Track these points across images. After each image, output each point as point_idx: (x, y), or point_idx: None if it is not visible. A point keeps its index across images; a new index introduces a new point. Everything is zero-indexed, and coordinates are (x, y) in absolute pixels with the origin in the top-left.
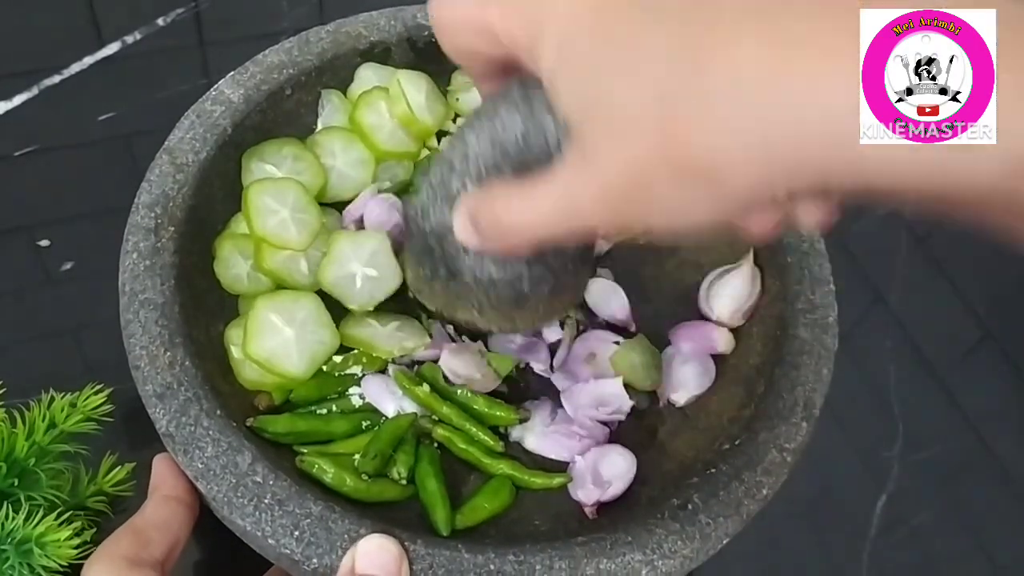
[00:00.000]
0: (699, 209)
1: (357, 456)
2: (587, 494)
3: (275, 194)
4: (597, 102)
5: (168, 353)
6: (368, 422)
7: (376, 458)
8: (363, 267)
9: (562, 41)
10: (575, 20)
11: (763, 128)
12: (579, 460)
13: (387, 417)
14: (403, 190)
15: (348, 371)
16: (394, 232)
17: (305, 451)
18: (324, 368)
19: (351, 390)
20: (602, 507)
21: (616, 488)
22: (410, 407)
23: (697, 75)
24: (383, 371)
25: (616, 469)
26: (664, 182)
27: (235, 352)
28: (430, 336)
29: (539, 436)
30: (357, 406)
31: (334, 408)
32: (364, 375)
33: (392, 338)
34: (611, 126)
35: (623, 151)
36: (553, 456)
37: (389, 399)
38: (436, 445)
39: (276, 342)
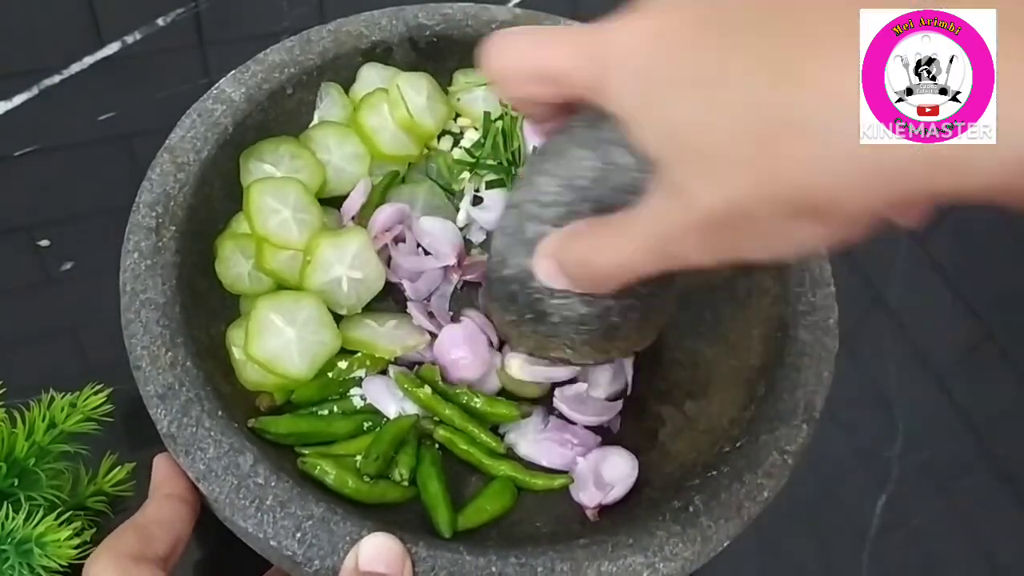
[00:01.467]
0: (804, 238)
1: (359, 458)
2: (589, 497)
3: (276, 194)
4: (684, 132)
5: (169, 353)
6: (369, 423)
7: (378, 459)
8: (347, 270)
9: (633, 72)
10: (643, 49)
11: (874, 153)
12: (581, 462)
13: (388, 418)
14: (391, 182)
15: (354, 374)
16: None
17: (307, 452)
18: (330, 375)
19: (352, 391)
20: (603, 509)
21: (618, 491)
22: (411, 408)
23: (792, 96)
24: (384, 372)
25: (618, 472)
26: (768, 216)
27: (236, 353)
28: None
29: (531, 443)
30: (358, 407)
31: (335, 409)
32: (365, 376)
33: (392, 337)
34: (702, 157)
35: (720, 186)
36: (545, 463)
37: (391, 400)
38: (437, 446)
39: (277, 343)
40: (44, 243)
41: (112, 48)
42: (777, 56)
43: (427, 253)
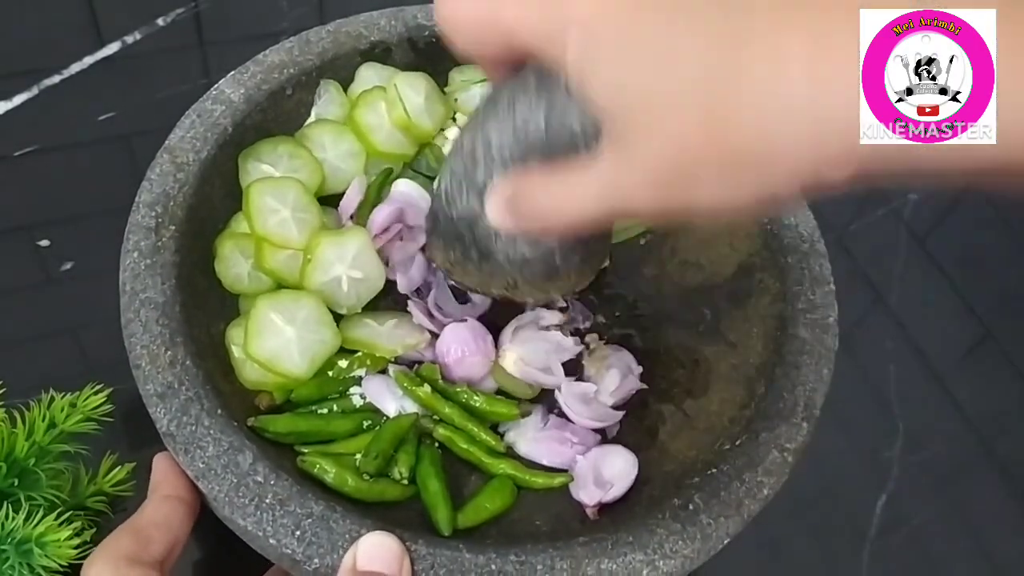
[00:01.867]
0: (745, 192)
1: (358, 456)
2: (589, 495)
3: (276, 193)
4: (635, 89)
5: (169, 352)
6: (369, 422)
7: (377, 458)
8: (348, 269)
9: (591, 31)
10: (602, 9)
11: (815, 114)
12: (581, 460)
13: (388, 417)
14: (385, 180)
15: (354, 373)
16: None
17: (306, 451)
18: (330, 374)
19: (352, 390)
20: (603, 508)
21: (618, 489)
22: (411, 407)
23: (741, 60)
24: (384, 371)
25: (618, 470)
26: (712, 165)
27: (236, 352)
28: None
29: (531, 441)
30: (358, 406)
31: (335, 408)
32: (365, 375)
33: (392, 336)
34: (653, 112)
35: (669, 136)
36: (545, 462)
37: (390, 399)
38: (437, 445)
39: (277, 342)
40: (44, 243)
41: (112, 48)
42: (728, 29)
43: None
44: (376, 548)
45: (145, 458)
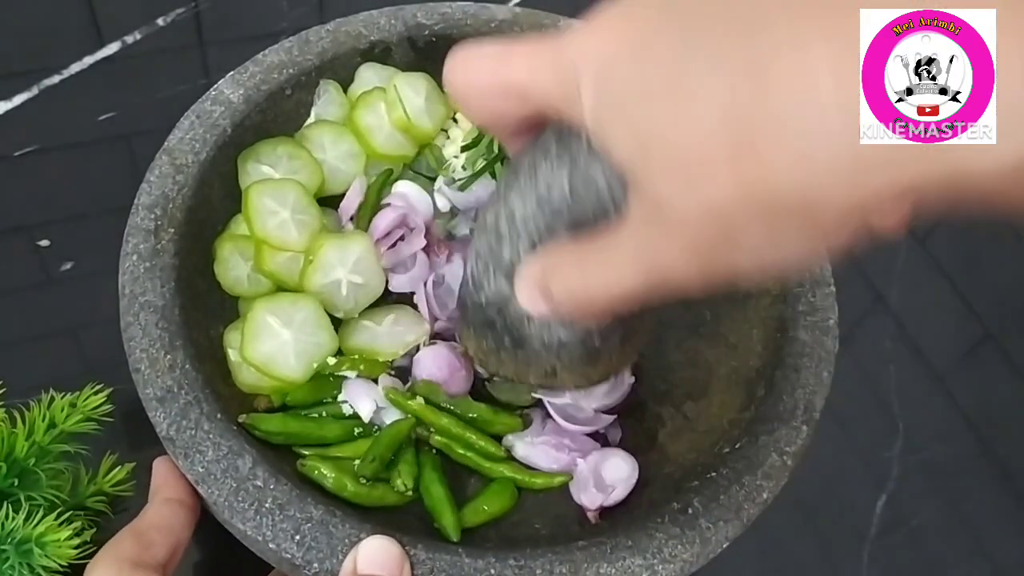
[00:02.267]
0: (793, 245)
1: (357, 461)
2: (590, 499)
3: (275, 195)
4: (656, 143)
5: (168, 356)
6: (360, 429)
7: (375, 461)
8: (348, 274)
9: (601, 80)
10: (610, 54)
11: (850, 150)
12: (581, 464)
13: (375, 424)
14: (385, 181)
15: (342, 373)
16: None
17: (307, 455)
18: (315, 366)
19: (341, 397)
20: (604, 511)
21: (619, 493)
22: (392, 414)
23: (764, 95)
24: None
25: (618, 473)
26: (753, 225)
27: (232, 355)
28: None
29: (528, 446)
30: (347, 414)
31: (325, 412)
32: (347, 379)
33: (392, 336)
34: (678, 169)
35: (700, 197)
36: (542, 466)
37: (365, 401)
38: (435, 451)
39: (273, 345)
40: (44, 243)
41: (112, 48)
42: (743, 55)
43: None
44: (376, 552)
45: (145, 458)
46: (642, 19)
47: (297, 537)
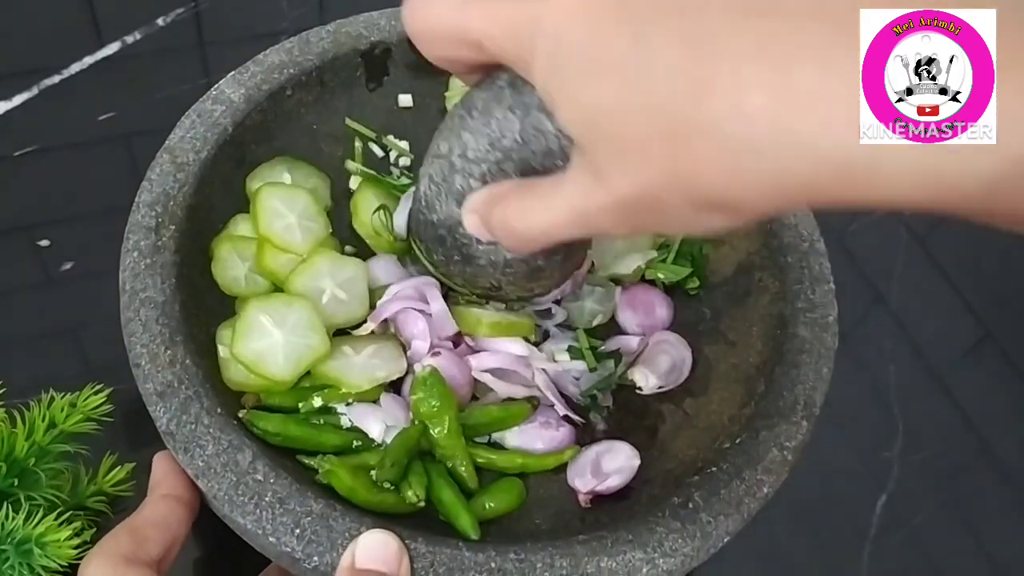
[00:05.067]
0: (713, 226)
1: (374, 471)
2: (584, 483)
3: (285, 199)
4: (600, 119)
5: (169, 351)
6: (359, 442)
7: (395, 467)
8: (335, 287)
9: (555, 50)
10: (564, 26)
11: (776, 158)
12: (586, 450)
13: (376, 441)
14: None
15: (335, 406)
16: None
17: (328, 466)
18: (300, 407)
19: (340, 409)
20: (599, 500)
21: (613, 482)
22: (395, 426)
23: (701, 100)
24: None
25: (617, 464)
26: (678, 206)
27: (223, 351)
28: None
29: (518, 434)
30: (346, 426)
31: (323, 420)
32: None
33: (364, 368)
34: (617, 147)
35: (634, 175)
36: (540, 447)
37: (373, 421)
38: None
39: (264, 344)
40: (44, 243)
41: (112, 48)
42: (687, 57)
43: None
44: (375, 546)
45: (145, 458)
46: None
47: (297, 531)
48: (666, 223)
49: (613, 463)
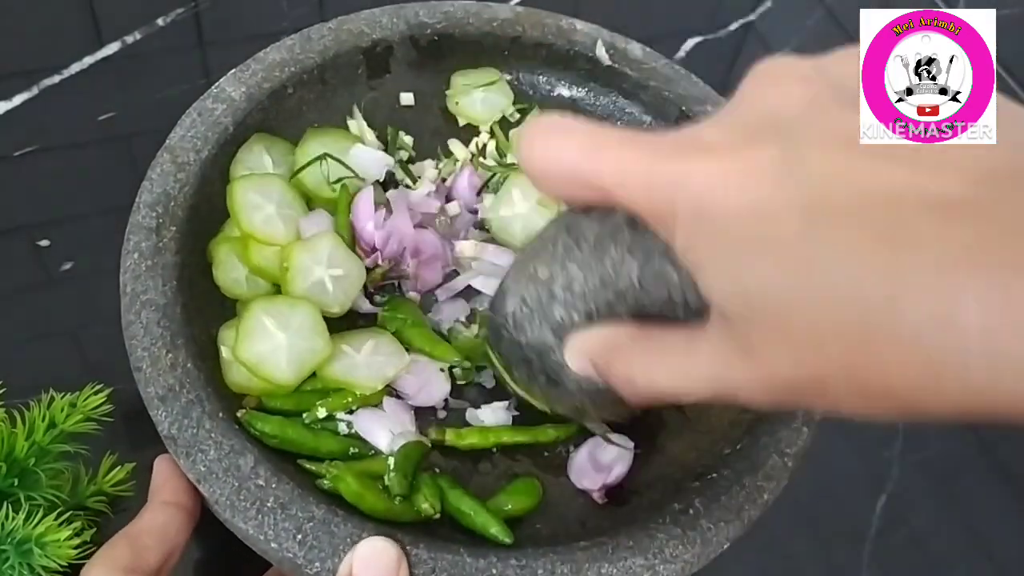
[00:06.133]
0: (877, 415)
1: (387, 476)
2: (592, 480)
3: (260, 190)
4: (762, 300)
5: (170, 355)
6: (356, 450)
7: (405, 478)
8: (327, 269)
9: (703, 215)
10: (719, 194)
11: (986, 374)
12: (578, 453)
13: (377, 449)
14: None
15: (340, 416)
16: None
17: (335, 471)
18: (305, 417)
19: (339, 415)
20: (611, 491)
21: (619, 470)
22: (401, 434)
23: (897, 302)
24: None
25: (614, 453)
26: (844, 394)
27: (225, 353)
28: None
29: (493, 410)
30: (343, 433)
31: (321, 425)
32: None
33: (370, 368)
34: (780, 332)
35: (796, 359)
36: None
37: (381, 432)
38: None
39: (267, 346)
40: (44, 243)
41: (112, 48)
42: (883, 248)
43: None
44: (373, 555)
45: (145, 458)
46: (758, 161)
47: (299, 536)
48: (825, 405)
49: (608, 454)
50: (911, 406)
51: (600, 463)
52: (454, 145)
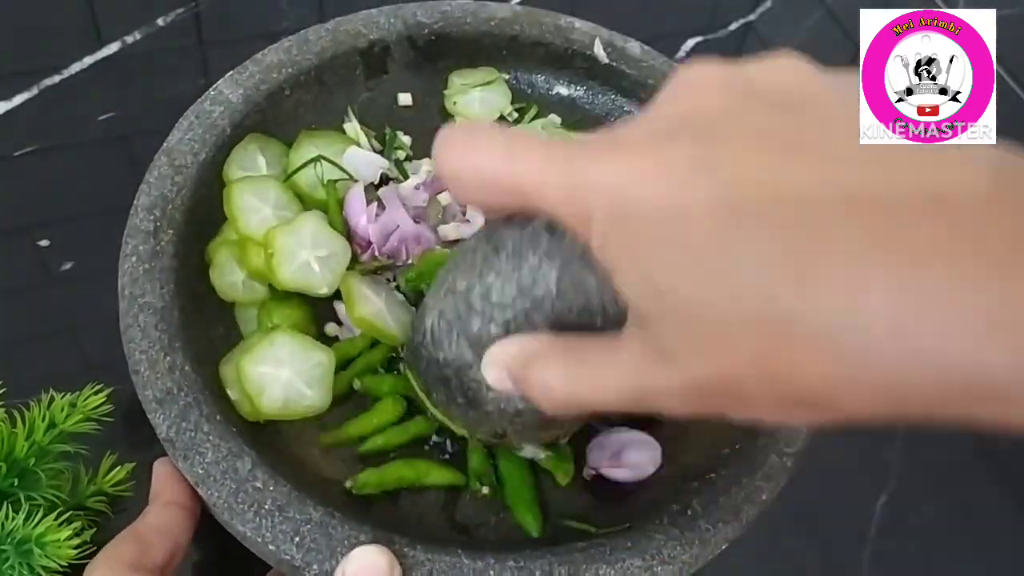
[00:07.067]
0: (801, 420)
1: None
2: (597, 459)
3: (256, 192)
4: (675, 300)
5: (168, 358)
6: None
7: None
8: (312, 251)
9: (619, 215)
10: (633, 193)
11: (894, 367)
12: (613, 432)
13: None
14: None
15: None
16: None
17: (359, 478)
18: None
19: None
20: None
21: (622, 475)
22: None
23: (803, 296)
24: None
25: (637, 458)
26: (761, 398)
27: (233, 395)
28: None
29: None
30: (331, 335)
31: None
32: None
33: (392, 311)
34: (692, 330)
35: (712, 361)
36: None
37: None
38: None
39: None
40: (44, 243)
41: (112, 48)
42: (790, 242)
43: None
44: (363, 564)
45: (145, 458)
46: (673, 159)
47: (296, 538)
48: (743, 411)
49: (634, 457)
50: (827, 407)
51: (620, 458)
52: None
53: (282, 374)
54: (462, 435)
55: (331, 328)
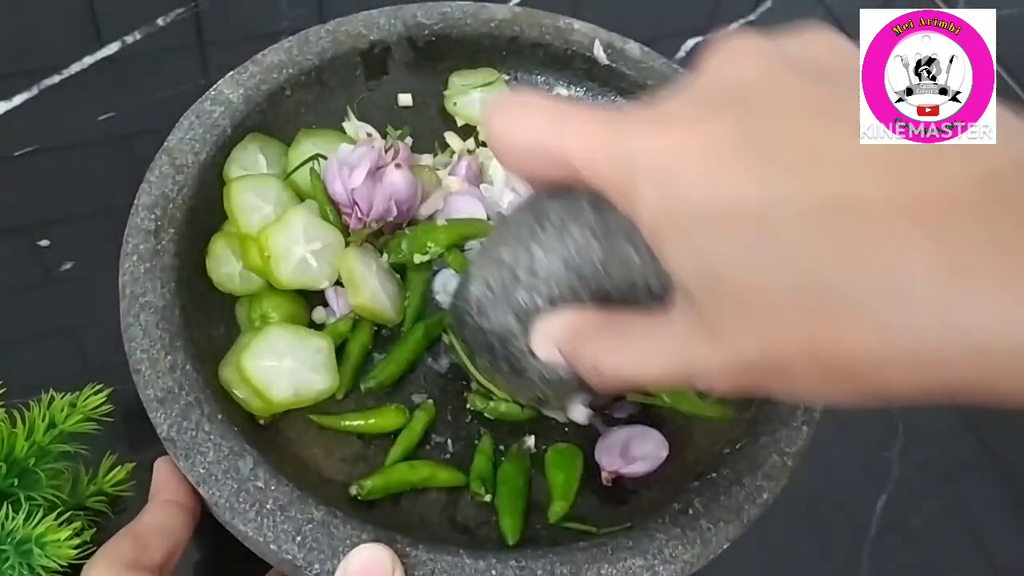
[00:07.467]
0: (838, 396)
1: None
2: (610, 461)
3: (257, 190)
4: (721, 276)
5: (169, 357)
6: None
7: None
8: (306, 246)
9: (665, 187)
10: (676, 163)
11: (938, 345)
12: (616, 430)
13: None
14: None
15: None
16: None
17: (365, 484)
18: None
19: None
20: (618, 480)
21: (639, 468)
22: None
23: (850, 271)
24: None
25: (646, 450)
26: (806, 373)
27: (240, 393)
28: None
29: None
30: (319, 321)
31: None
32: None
33: (383, 288)
34: (743, 307)
35: (759, 338)
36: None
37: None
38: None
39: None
40: (44, 243)
41: (112, 48)
42: (837, 217)
43: None
44: (365, 562)
45: (145, 458)
46: (719, 133)
47: (298, 538)
48: (788, 388)
49: (642, 448)
50: (870, 381)
51: (629, 452)
52: (450, 137)
53: (285, 365)
54: (481, 411)
55: (318, 314)
